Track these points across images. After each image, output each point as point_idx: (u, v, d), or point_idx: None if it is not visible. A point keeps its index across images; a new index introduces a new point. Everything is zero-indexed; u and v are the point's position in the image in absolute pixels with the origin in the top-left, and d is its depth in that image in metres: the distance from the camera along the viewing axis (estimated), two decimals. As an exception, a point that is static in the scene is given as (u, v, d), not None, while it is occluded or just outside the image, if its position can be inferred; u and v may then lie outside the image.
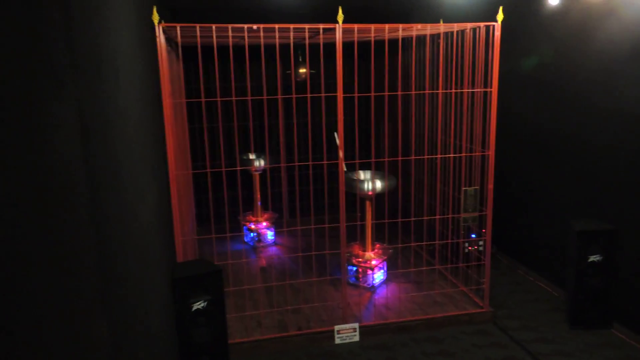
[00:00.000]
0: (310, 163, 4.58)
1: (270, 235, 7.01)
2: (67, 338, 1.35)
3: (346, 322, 4.69)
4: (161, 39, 3.80)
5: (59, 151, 1.30)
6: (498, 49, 4.45)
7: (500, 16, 4.37)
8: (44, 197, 1.25)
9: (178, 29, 3.90)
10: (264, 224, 7.02)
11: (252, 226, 6.97)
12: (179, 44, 4.02)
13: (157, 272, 2.98)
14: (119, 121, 2.12)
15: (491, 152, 4.65)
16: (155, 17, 3.68)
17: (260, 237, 6.96)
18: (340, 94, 4.28)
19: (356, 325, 4.65)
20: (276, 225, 7.16)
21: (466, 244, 5.69)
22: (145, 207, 2.65)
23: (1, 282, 1.00)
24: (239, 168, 4.41)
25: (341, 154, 4.41)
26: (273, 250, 6.90)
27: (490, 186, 4.70)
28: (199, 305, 3.82)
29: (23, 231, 1.12)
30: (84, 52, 1.59)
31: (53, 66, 1.29)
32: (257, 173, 7.01)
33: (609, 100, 4.57)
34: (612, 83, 4.51)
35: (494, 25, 4.44)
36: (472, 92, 4.78)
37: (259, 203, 7.09)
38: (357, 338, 4.65)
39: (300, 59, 6.57)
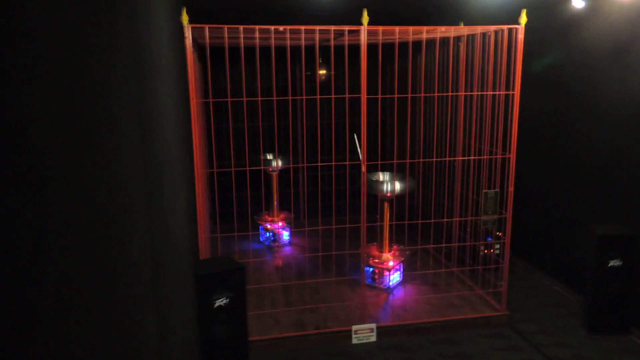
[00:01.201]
0: (322, 163, 4.62)
1: (285, 235, 7.05)
2: (122, 330, 1.40)
3: (363, 323, 4.72)
4: (189, 39, 3.85)
5: (123, 149, 1.35)
6: (521, 52, 4.47)
7: (523, 19, 4.39)
8: (107, 193, 1.30)
9: (207, 29, 3.95)
10: (280, 224, 7.06)
11: (268, 226, 7.01)
12: (207, 44, 4.08)
13: (185, 268, 3.03)
14: (161, 121, 2.17)
15: (512, 155, 4.66)
16: (185, 19, 3.73)
17: (275, 237, 7.00)
18: (364, 96, 4.32)
19: (374, 325, 4.67)
20: (292, 225, 7.20)
21: (482, 247, 5.70)
22: (179, 204, 2.70)
23: (65, 277, 1.04)
24: (262, 167, 4.45)
25: (364, 167, 4.44)
26: (288, 250, 6.95)
27: (511, 189, 4.71)
28: (221, 302, 3.87)
29: (86, 225, 1.17)
30: (142, 52, 1.64)
31: (120, 62, 1.33)
32: (274, 173, 7.05)
33: (631, 105, 4.56)
34: (635, 87, 4.51)
35: (517, 28, 4.46)
36: (494, 95, 4.80)
37: (275, 203, 7.14)
38: (374, 338, 4.67)
39: (321, 61, 6.62)
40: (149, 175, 1.64)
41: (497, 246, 5.69)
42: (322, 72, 6.75)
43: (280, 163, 6.85)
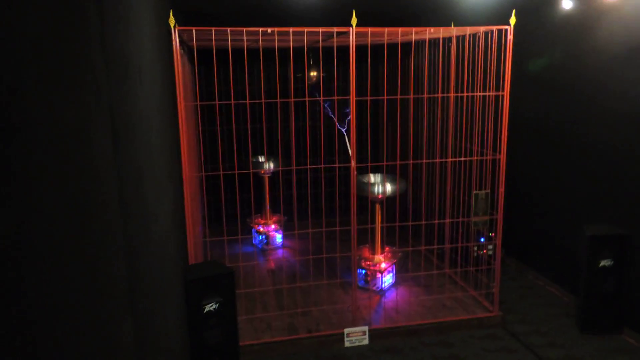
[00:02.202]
0: (313, 166, 4.59)
1: (278, 238, 7.02)
2: (96, 337, 1.37)
3: (356, 325, 4.69)
4: (177, 42, 3.82)
5: (93, 152, 1.32)
6: (510, 53, 4.46)
7: (513, 20, 4.38)
8: (77, 197, 1.27)
9: (194, 32, 3.93)
10: (273, 226, 7.03)
11: (261, 229, 6.98)
12: (194, 47, 4.05)
13: (172, 273, 3.00)
14: (141, 124, 2.14)
15: (502, 156, 4.65)
16: (172, 21, 3.71)
17: (268, 239, 6.97)
18: (352, 97, 4.30)
19: (366, 328, 4.65)
20: (285, 228, 7.17)
21: (475, 248, 5.69)
22: (163, 209, 2.66)
23: (32, 281, 1.02)
24: (251, 170, 4.43)
25: (353, 163, 4.43)
26: (281, 252, 6.91)
27: (502, 190, 4.70)
28: (210, 306, 3.84)
29: (57, 230, 1.14)
30: (114, 55, 1.61)
31: (90, 68, 1.31)
32: (266, 175, 7.03)
33: (622, 104, 4.57)
34: (626, 86, 4.51)
35: (506, 29, 4.45)
36: (484, 96, 4.79)
37: (267, 206, 7.10)
38: (366, 341, 4.65)
39: (311, 62, 6.60)
40: (123, 181, 1.62)
41: (490, 247, 5.68)
42: (313, 73, 6.73)
43: (272, 165, 6.83)
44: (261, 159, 6.87)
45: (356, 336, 4.63)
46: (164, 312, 2.49)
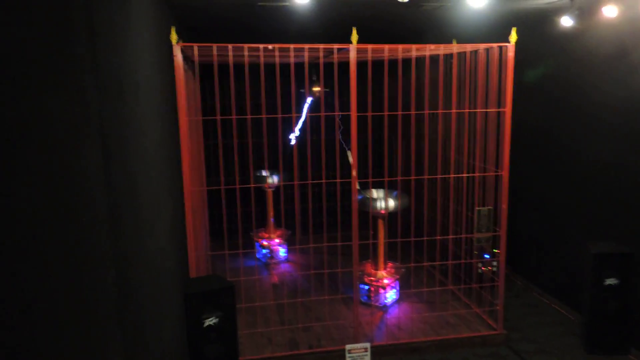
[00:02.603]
0: (314, 181, 4.61)
1: (282, 252, 7.02)
2: (83, 351, 1.38)
3: (357, 342, 4.65)
4: (178, 58, 3.89)
5: (81, 167, 1.34)
6: (511, 70, 4.47)
7: (513, 37, 4.40)
8: (63, 210, 1.29)
9: (195, 48, 3.99)
10: (277, 240, 7.03)
11: (265, 243, 6.99)
12: (196, 62, 4.11)
13: (170, 286, 3.01)
14: (137, 139, 2.17)
15: (505, 172, 4.63)
16: (174, 37, 3.77)
17: (272, 253, 6.97)
18: (354, 113, 4.32)
19: (368, 345, 4.60)
20: (289, 242, 7.17)
21: (479, 265, 5.64)
22: (161, 222, 2.69)
23: (20, 294, 1.03)
24: (252, 185, 4.46)
25: (354, 172, 4.44)
26: (285, 267, 6.90)
27: (504, 206, 4.68)
28: (210, 321, 3.83)
29: (43, 243, 1.16)
30: (107, 71, 1.65)
31: (78, 86, 1.34)
32: (270, 190, 7.05)
33: (626, 121, 4.54)
34: (630, 103, 4.49)
35: (507, 46, 4.46)
36: (486, 112, 4.79)
37: (271, 220, 7.11)
38: (368, 358, 4.60)
39: (314, 78, 6.65)
40: (114, 195, 1.64)
41: (495, 264, 5.63)
42: (317, 89, 6.78)
43: (275, 180, 6.85)
44: (264, 173, 6.89)
45: (357, 352, 4.59)
46: (162, 326, 2.50)
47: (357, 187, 4.61)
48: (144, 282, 2.13)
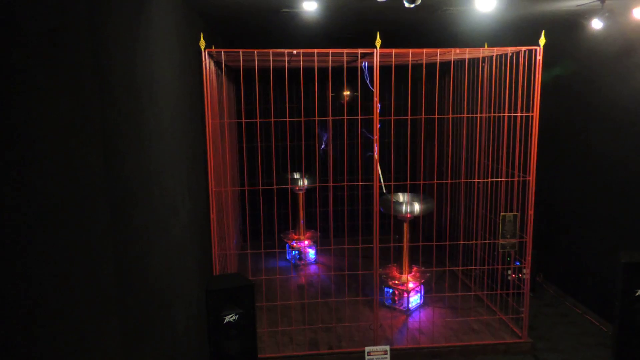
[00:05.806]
0: (338, 183, 4.65)
1: (312, 253, 7.10)
2: (83, 347, 1.50)
3: (378, 344, 4.67)
4: (207, 63, 4.04)
5: (83, 170, 1.46)
6: (540, 73, 4.38)
7: (542, 40, 4.31)
8: (66, 210, 1.41)
9: (223, 54, 4.13)
10: (306, 242, 7.13)
11: (294, 244, 7.09)
12: (223, 67, 4.26)
13: (189, 283, 3.14)
14: (151, 141, 2.30)
15: (532, 178, 4.54)
16: (202, 43, 3.93)
17: (301, 255, 7.06)
18: (376, 117, 4.36)
19: (387, 347, 4.61)
20: (318, 244, 7.24)
21: (508, 271, 5.53)
22: (177, 221, 2.82)
23: (36, 292, 1.14)
24: (289, 186, 4.56)
25: (379, 176, 4.47)
26: (314, 268, 6.98)
27: (531, 212, 4.59)
28: (230, 317, 3.95)
29: (53, 246, 1.28)
30: (116, 78, 1.78)
31: (80, 91, 1.46)
32: (300, 192, 7.15)
33: (660, 127, 4.37)
34: (663, 109, 4.32)
35: (536, 50, 4.38)
36: (514, 116, 4.71)
37: (302, 222, 7.21)
38: (388, 361, 4.61)
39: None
40: (116, 196, 1.76)
41: (524, 271, 5.51)
42: (347, 93, 6.84)
43: (306, 182, 6.95)
44: (296, 175, 7.01)
45: (377, 355, 4.60)
46: (175, 321, 2.62)
47: (384, 190, 4.63)
48: (150, 278, 2.25)
